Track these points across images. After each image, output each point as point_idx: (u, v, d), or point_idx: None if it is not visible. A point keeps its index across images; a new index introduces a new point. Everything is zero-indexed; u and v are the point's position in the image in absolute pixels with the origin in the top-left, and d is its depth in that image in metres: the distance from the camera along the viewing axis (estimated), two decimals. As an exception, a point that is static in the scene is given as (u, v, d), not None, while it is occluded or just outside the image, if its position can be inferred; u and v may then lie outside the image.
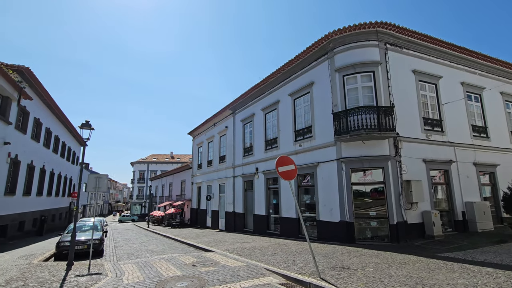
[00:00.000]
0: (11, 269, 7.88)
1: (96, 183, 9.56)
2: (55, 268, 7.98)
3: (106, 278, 6.60)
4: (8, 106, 14.56)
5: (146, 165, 62.24)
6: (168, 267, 7.54)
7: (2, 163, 14.42)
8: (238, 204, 18.71)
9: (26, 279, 6.66)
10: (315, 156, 12.42)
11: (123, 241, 16.46)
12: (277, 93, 15.72)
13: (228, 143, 21.10)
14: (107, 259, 9.95)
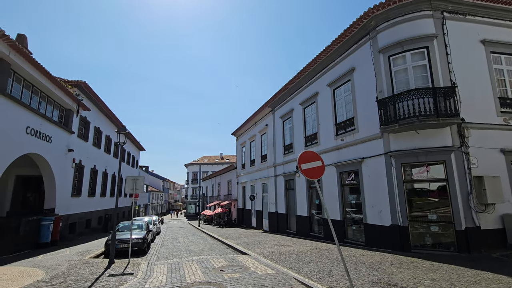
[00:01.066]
0: (62, 264, 8.56)
1: (133, 185, 9.92)
2: (97, 266, 8.42)
3: (133, 280, 6.60)
4: (70, 117, 16.38)
5: (198, 166, 65.56)
6: (194, 271, 7.27)
7: (68, 168, 16.28)
8: (280, 204, 18.00)
9: (68, 276, 7.06)
10: (359, 151, 11.02)
11: (171, 240, 17.16)
12: (315, 84, 14.57)
13: (269, 142, 20.54)
14: (148, 258, 10.25)
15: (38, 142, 12.98)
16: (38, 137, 12.96)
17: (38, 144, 12.99)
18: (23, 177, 15.80)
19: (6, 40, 10.01)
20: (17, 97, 11.61)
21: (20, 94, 11.88)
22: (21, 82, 12.00)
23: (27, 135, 12.14)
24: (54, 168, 14.44)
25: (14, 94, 11.43)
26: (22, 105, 11.69)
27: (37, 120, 12.85)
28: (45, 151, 13.59)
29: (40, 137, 13.07)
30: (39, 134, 12.97)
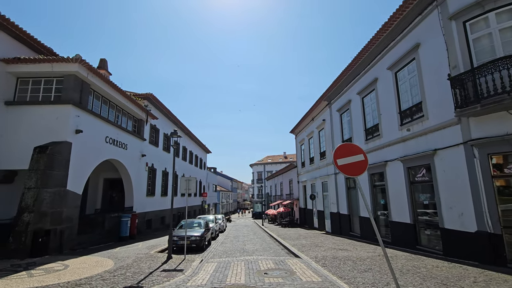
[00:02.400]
0: (131, 257, 9.58)
1: (187, 185, 10.48)
2: (157, 260, 9.12)
3: (180, 277, 6.85)
4: (141, 126, 18.52)
5: (262, 166, 66.81)
6: (238, 272, 7.14)
7: (142, 171, 18.43)
8: (342, 204, 16.65)
9: (130, 268, 7.81)
10: (430, 141, 9.23)
11: (232, 238, 17.68)
12: (374, 70, 12.96)
13: (327, 137, 19.30)
14: (203, 256, 10.66)
15: (116, 149, 15.00)
16: (116, 145, 14.97)
17: (116, 151, 15.00)
18: (109, 179, 18.57)
19: (84, 64, 11.83)
20: (97, 111, 13.62)
21: (99, 109, 13.92)
22: (100, 99, 14.05)
23: (107, 144, 14.14)
24: (130, 171, 16.51)
25: (94, 109, 13.45)
26: (101, 118, 13.67)
27: (114, 130, 14.86)
28: (122, 157, 15.62)
29: (117, 145, 15.08)
30: (116, 142, 14.98)
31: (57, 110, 11.40)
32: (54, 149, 10.57)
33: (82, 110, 12.12)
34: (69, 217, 11.01)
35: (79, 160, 11.76)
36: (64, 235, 10.53)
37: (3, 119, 11.10)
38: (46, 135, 10.97)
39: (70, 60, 11.47)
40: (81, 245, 11.57)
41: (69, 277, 6.73)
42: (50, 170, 10.24)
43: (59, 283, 6.24)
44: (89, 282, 6.30)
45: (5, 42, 11.36)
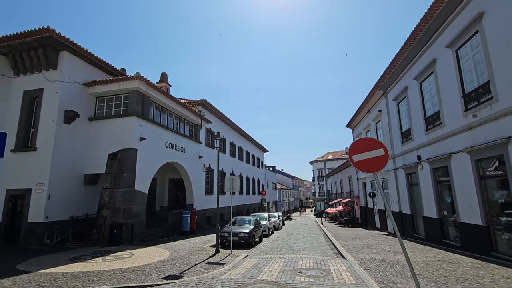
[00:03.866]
0: (185, 249, 10.63)
1: (231, 184, 11.05)
2: (206, 253, 9.90)
3: (219, 269, 7.35)
4: (197, 130, 20.16)
5: (322, 163, 64.71)
6: (273, 269, 7.25)
7: (200, 171, 20.06)
8: (403, 202, 15.07)
9: (180, 259, 8.71)
10: (503, 127, 7.71)
11: (285, 236, 17.78)
12: (431, 50, 11.41)
13: (384, 130, 17.71)
14: (251, 251, 11.07)
15: (175, 152, 16.71)
16: (175, 149, 16.69)
17: (175, 154, 16.72)
18: (174, 180, 20.75)
19: (143, 80, 13.57)
20: (157, 120, 15.43)
21: (159, 117, 15.74)
22: (159, 109, 15.87)
23: (167, 148, 15.89)
24: (189, 172, 18.17)
25: (155, 118, 15.27)
26: (161, 126, 15.44)
27: (172, 136, 16.59)
28: (181, 159, 17.31)
29: (176, 149, 16.80)
30: (175, 146, 16.70)
31: (125, 121, 13.38)
32: (123, 155, 12.46)
33: (144, 120, 13.92)
34: (138, 212, 12.81)
35: (143, 164, 13.55)
36: (134, 228, 12.32)
37: (87, 132, 13.58)
38: (117, 143, 12.99)
39: (132, 78, 13.33)
40: (149, 237, 13.32)
41: (131, 264, 7.91)
42: (120, 173, 12.11)
43: (121, 268, 7.40)
44: (144, 269, 7.30)
45: (85, 69, 13.87)
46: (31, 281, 6.07)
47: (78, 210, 12.72)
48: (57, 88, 12.60)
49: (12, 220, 11.91)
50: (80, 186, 13.06)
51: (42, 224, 11.17)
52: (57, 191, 11.87)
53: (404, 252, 4.18)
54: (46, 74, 12.94)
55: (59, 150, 12.15)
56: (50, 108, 12.46)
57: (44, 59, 12.75)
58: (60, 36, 12.18)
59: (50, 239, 11.31)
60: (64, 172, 12.27)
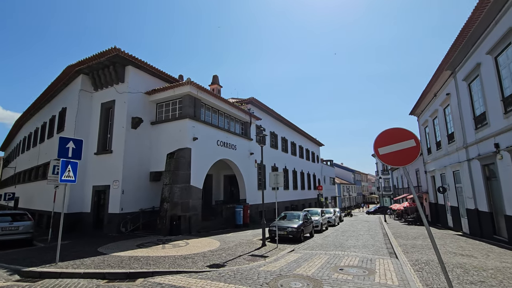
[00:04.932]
0: (235, 241, 11.26)
1: (275, 180, 11.21)
2: (253, 246, 10.33)
3: (260, 262, 7.62)
4: (247, 128, 20.83)
5: (387, 155, 59.45)
6: (313, 265, 7.18)
7: (251, 167, 20.74)
8: (480, 198, 12.96)
9: (228, 250, 9.30)
10: None
11: (340, 232, 17.13)
12: (506, 18, 9.50)
13: (454, 115, 15.44)
14: (298, 246, 11.07)
15: (226, 150, 17.65)
16: (226, 146, 17.63)
17: (227, 152, 17.66)
18: (228, 176, 21.93)
19: (194, 84, 14.70)
20: (209, 120, 16.53)
21: (210, 118, 16.82)
22: (210, 109, 16.96)
23: (218, 146, 16.91)
24: (240, 168, 18.98)
25: (206, 119, 16.39)
26: (212, 125, 16.51)
27: (223, 134, 17.55)
28: (232, 156, 18.19)
29: (227, 147, 17.73)
30: (226, 144, 17.63)
31: (179, 124, 14.74)
32: (179, 154, 13.78)
33: (196, 121, 15.09)
34: (194, 206, 14.03)
35: (197, 161, 14.72)
36: (191, 220, 13.55)
37: (150, 135, 15.42)
38: (174, 144, 14.41)
39: (183, 83, 14.58)
40: (205, 229, 14.47)
41: (184, 252, 8.81)
42: (177, 171, 13.44)
43: (175, 255, 8.32)
44: (193, 257, 8.06)
45: (146, 79, 15.71)
46: (104, 262, 7.34)
47: (146, 203, 14.60)
48: (125, 99, 14.63)
49: (98, 211, 14.38)
50: (147, 182, 14.94)
51: (118, 215, 13.23)
52: (129, 186, 13.86)
53: (433, 245, 3.74)
54: (116, 87, 15.12)
55: (128, 151, 14.13)
56: (120, 116, 14.56)
57: (114, 74, 14.92)
58: (125, 53, 14.07)
59: (125, 228, 13.32)
60: (133, 171, 14.22)
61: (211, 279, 5.88)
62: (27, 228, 10.67)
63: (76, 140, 7.96)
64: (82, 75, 15.97)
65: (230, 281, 5.75)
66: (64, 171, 7.43)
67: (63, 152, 7.52)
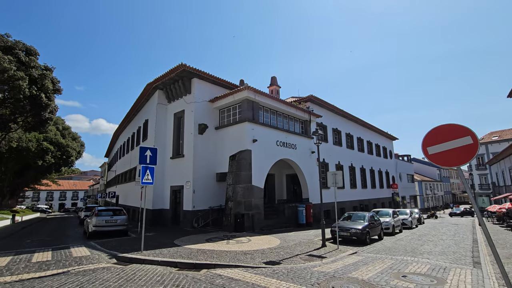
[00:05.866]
0: (295, 240, 11.42)
1: (333, 179, 10.93)
2: (312, 246, 10.31)
3: (314, 262, 7.62)
4: (307, 126, 20.59)
5: (484, 147, 50.00)
6: (372, 269, 6.81)
7: (313, 166, 20.41)
8: None
9: (286, 249, 9.54)
10: None
11: (416, 236, 15.43)
12: None
13: None
14: (362, 249, 10.52)
15: (286, 150, 17.86)
16: (285, 146, 17.84)
17: (286, 151, 17.86)
18: (290, 175, 22.08)
19: (250, 89, 15.42)
20: (267, 122, 17.04)
21: (269, 119, 17.31)
22: (268, 111, 17.45)
23: (278, 147, 17.25)
24: (302, 167, 18.92)
25: (265, 121, 16.93)
26: (270, 127, 16.97)
27: (282, 135, 17.81)
28: (293, 156, 18.30)
29: (286, 146, 17.93)
30: (285, 144, 17.85)
31: (239, 127, 15.66)
32: (240, 156, 14.67)
33: (255, 123, 15.77)
34: (257, 205, 14.71)
35: (258, 162, 15.37)
36: (254, 218, 14.26)
37: (215, 139, 16.82)
38: (235, 146, 15.39)
39: (241, 89, 15.44)
40: (268, 227, 15.01)
41: (245, 248, 9.44)
42: (239, 172, 14.34)
43: (237, 250, 9.00)
44: (253, 253, 8.59)
45: (209, 88, 17.20)
46: (177, 252, 8.49)
47: (214, 201, 16.00)
48: (192, 108, 16.34)
49: (175, 208, 16.46)
50: (214, 183, 16.36)
51: (191, 212, 14.90)
52: (199, 186, 15.44)
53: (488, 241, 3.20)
54: (185, 98, 17.02)
55: (197, 155, 15.75)
56: (189, 124, 16.34)
57: (183, 87, 16.83)
58: (190, 67, 15.73)
59: (197, 223, 14.90)
60: (202, 172, 15.77)
61: (265, 275, 6.23)
62: (123, 221, 13.05)
63: (152, 149, 9.40)
64: (158, 90, 18.53)
65: (282, 278, 6.00)
66: (144, 175, 8.89)
67: (142, 159, 9.01)
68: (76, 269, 7.04)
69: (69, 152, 35.73)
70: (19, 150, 28.53)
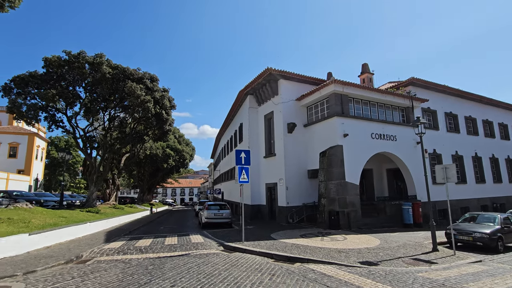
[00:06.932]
0: (398, 242, 10.35)
1: (443, 174, 9.38)
2: (420, 249, 9.14)
3: (419, 267, 6.78)
4: (410, 114, 18.04)
5: None
6: (500, 283, 5.56)
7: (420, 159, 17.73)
8: None
9: (386, 250, 8.82)
10: None
11: None
12: None
13: None
14: (490, 257, 8.59)
15: (384, 142, 16.23)
16: (382, 138, 16.23)
17: (384, 144, 16.22)
18: (391, 169, 19.88)
19: (337, 81, 14.84)
20: (359, 114, 15.95)
21: (360, 111, 16.16)
22: (360, 102, 16.31)
23: (373, 139, 15.88)
24: (405, 160, 16.79)
25: (356, 113, 15.91)
26: (363, 119, 15.83)
27: (378, 126, 16.29)
28: (392, 148, 16.47)
29: (384, 138, 16.28)
30: (382, 136, 16.24)
31: (328, 123, 15.30)
32: (330, 152, 14.34)
33: (345, 117, 15.07)
34: (352, 202, 14.03)
35: (351, 158, 14.63)
36: (350, 216, 13.66)
37: (304, 137, 16.97)
38: (325, 143, 15.12)
39: (327, 83, 15.05)
40: (366, 226, 14.07)
41: (340, 246, 9.26)
42: (330, 168, 14.04)
43: (331, 247, 8.95)
44: (348, 252, 8.36)
45: (295, 87, 17.46)
46: (273, 245, 9.15)
47: (307, 198, 16.17)
48: (280, 108, 17.02)
49: (271, 204, 17.51)
50: (306, 180, 16.54)
51: (285, 208, 15.55)
52: (291, 184, 15.95)
53: None
54: (273, 100, 17.88)
55: (287, 153, 16.30)
56: (278, 124, 17.09)
57: (270, 90, 17.75)
58: (276, 70, 16.45)
59: (292, 219, 15.42)
60: (293, 170, 16.21)
61: (359, 275, 6.04)
62: (227, 215, 14.89)
63: (246, 151, 10.43)
64: (249, 95, 20.11)
65: (379, 280, 5.68)
66: (240, 175, 9.97)
67: (238, 160, 10.12)
68: (194, 252, 8.62)
69: (184, 156, 42.96)
70: (151, 157, 36.30)
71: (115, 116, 22.13)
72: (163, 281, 5.66)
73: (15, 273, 6.17)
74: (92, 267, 6.99)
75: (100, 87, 19.10)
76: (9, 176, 33.98)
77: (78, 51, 18.74)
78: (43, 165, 44.12)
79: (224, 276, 5.99)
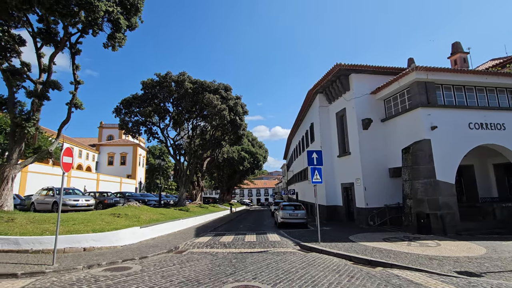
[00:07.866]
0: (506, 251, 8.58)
1: None
2: None
3: None
4: None
5: None
6: None
7: None
8: None
9: (494, 260, 7.39)
10: None
11: None
12: None
13: None
14: None
15: (487, 132, 13.59)
16: (485, 128, 13.62)
17: (487, 134, 13.58)
18: (501, 165, 16.36)
19: (419, 69, 13.22)
20: (451, 102, 13.81)
21: (452, 98, 13.94)
22: (451, 89, 14.10)
23: (471, 130, 13.47)
24: (519, 153, 13.68)
25: (447, 101, 13.82)
26: (456, 107, 13.65)
27: (478, 114, 13.75)
28: (499, 139, 13.63)
29: (487, 128, 13.63)
30: (483, 125, 13.62)
31: (411, 115, 13.74)
32: (415, 148, 12.84)
33: (431, 107, 13.28)
34: (446, 204, 12.21)
35: (441, 153, 12.77)
36: (444, 219, 11.91)
37: (382, 132, 15.64)
38: (409, 137, 13.61)
39: (407, 72, 13.55)
40: (467, 231, 11.99)
41: (431, 252, 8.23)
42: (416, 165, 12.56)
43: (419, 254, 8.05)
44: (442, 259, 7.37)
45: (369, 80, 16.28)
46: (352, 247, 8.80)
47: (390, 199, 14.81)
48: (352, 104, 16.17)
49: (348, 205, 16.70)
50: (387, 179, 15.18)
51: (364, 209, 14.61)
52: (370, 183, 14.90)
53: None
54: (344, 96, 17.12)
55: (364, 151, 15.32)
56: (352, 121, 16.24)
57: (341, 86, 17.05)
58: (345, 65, 15.75)
59: (373, 221, 14.37)
60: (371, 168, 15.12)
61: (456, 286, 5.32)
62: (302, 215, 14.94)
63: (317, 151, 10.35)
64: (318, 94, 19.74)
65: (483, 294, 4.89)
66: (313, 175, 9.95)
67: (310, 161, 10.12)
68: (272, 250, 9.04)
69: (258, 158, 44.77)
70: (228, 160, 39.18)
71: (197, 125, 24.92)
72: (246, 273, 6.19)
73: (134, 257, 7.73)
74: (187, 257, 8.14)
75: (184, 101, 21.86)
76: (121, 180, 41.88)
77: (166, 72, 21.90)
78: (144, 170, 52.81)
79: (302, 274, 6.15)
